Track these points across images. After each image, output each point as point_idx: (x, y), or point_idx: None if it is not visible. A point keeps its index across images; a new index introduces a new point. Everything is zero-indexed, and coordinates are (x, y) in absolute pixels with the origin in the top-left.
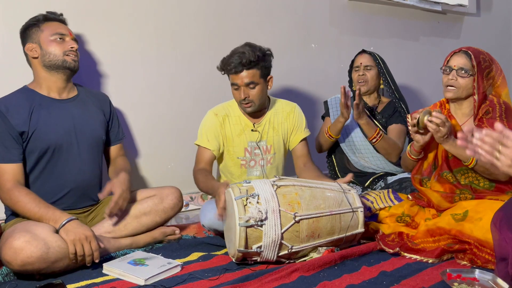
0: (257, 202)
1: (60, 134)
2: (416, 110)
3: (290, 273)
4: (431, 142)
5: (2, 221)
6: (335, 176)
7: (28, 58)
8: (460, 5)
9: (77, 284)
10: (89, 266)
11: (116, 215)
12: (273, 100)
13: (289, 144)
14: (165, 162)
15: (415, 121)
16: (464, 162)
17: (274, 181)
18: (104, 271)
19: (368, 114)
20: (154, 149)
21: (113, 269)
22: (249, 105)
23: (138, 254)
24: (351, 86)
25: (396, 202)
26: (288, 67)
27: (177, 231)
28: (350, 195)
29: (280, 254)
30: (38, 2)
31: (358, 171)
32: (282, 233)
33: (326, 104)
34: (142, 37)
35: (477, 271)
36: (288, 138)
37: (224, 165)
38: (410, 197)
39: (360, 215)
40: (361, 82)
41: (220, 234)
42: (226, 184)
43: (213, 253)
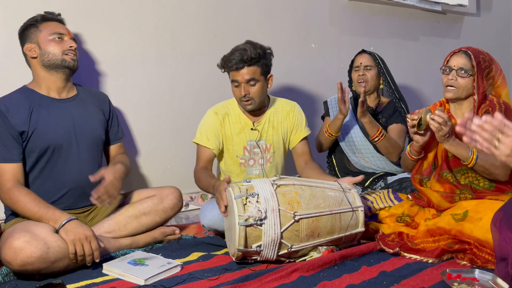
0: (257, 201)
1: (60, 133)
2: (416, 110)
3: (290, 273)
4: (431, 142)
5: (2, 221)
6: (335, 177)
7: (27, 59)
8: (460, 5)
9: (77, 284)
10: (89, 266)
11: (104, 202)
12: (273, 99)
13: (290, 143)
14: (165, 162)
15: (414, 122)
16: (463, 162)
17: (274, 180)
18: (104, 271)
19: None
20: (154, 149)
21: (113, 269)
22: (250, 103)
23: (138, 254)
24: (350, 86)
25: (396, 202)
26: (288, 67)
27: (177, 231)
28: (350, 194)
29: (280, 253)
30: (38, 2)
31: (358, 171)
32: (281, 232)
33: (326, 104)
34: (142, 37)
35: (477, 271)
36: (288, 137)
37: (224, 163)
38: (410, 197)
39: (360, 214)
40: (361, 82)
41: (220, 234)
42: (227, 181)
43: (213, 253)
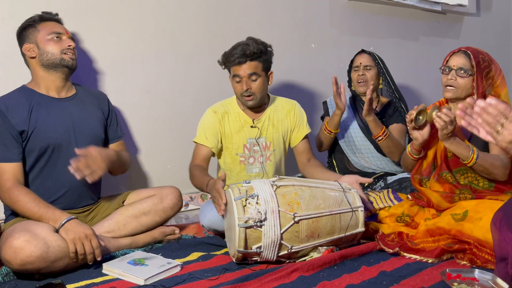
0: (257, 203)
1: (59, 133)
2: None
3: (289, 273)
4: (431, 142)
5: (2, 221)
6: None
7: (25, 59)
8: (460, 5)
9: (77, 284)
10: (89, 266)
11: (83, 175)
12: (273, 98)
13: (291, 142)
14: (164, 162)
15: (412, 117)
16: (463, 161)
17: (273, 181)
18: (103, 271)
19: None
20: (154, 149)
21: (112, 269)
22: (251, 98)
23: (138, 254)
24: (350, 86)
25: (396, 202)
26: (288, 67)
27: (177, 231)
28: (350, 195)
29: (280, 254)
30: (38, 2)
31: (358, 171)
32: (281, 234)
33: (326, 105)
34: (142, 37)
35: (476, 271)
36: (289, 135)
37: (224, 161)
38: (410, 197)
39: (360, 214)
40: (360, 82)
41: (219, 234)
42: (222, 179)
43: (213, 253)
